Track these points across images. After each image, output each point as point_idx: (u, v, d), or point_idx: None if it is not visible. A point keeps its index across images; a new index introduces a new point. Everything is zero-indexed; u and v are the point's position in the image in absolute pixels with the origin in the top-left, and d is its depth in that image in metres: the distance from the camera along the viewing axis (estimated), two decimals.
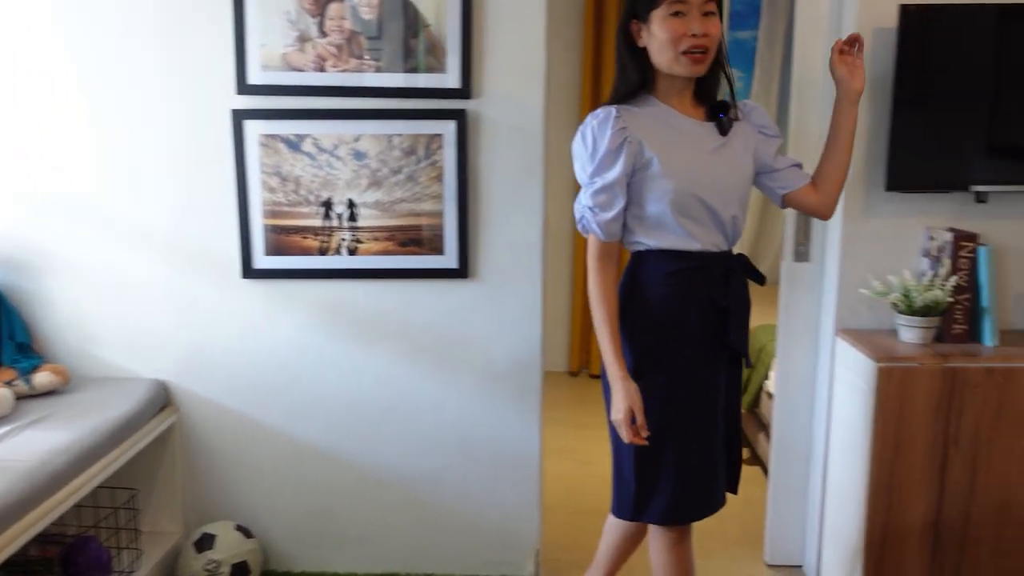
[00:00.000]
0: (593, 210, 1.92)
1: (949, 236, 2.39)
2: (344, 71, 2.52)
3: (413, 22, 2.50)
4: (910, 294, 2.36)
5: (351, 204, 2.57)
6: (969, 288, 2.39)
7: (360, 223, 2.58)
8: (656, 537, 2.06)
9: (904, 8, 2.37)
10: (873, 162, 2.51)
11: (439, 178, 2.56)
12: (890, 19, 2.42)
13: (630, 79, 1.92)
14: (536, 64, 2.52)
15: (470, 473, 2.70)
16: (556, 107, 4.80)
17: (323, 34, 2.50)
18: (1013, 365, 2.24)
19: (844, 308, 2.57)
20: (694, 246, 1.91)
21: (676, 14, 1.82)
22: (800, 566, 2.86)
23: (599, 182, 1.89)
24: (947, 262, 2.38)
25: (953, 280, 2.35)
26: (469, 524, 2.73)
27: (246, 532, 2.66)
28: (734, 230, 1.96)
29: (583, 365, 5.16)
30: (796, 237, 2.67)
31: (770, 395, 3.48)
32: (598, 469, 3.70)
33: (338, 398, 2.68)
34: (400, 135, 2.54)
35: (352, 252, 2.59)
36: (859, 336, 2.45)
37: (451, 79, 2.52)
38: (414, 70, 2.52)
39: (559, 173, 4.93)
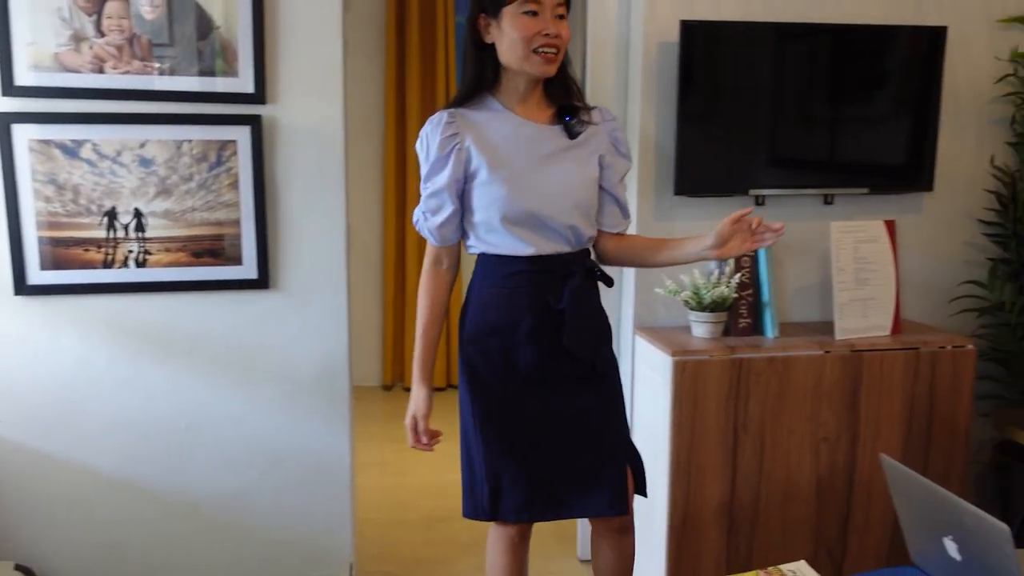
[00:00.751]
0: (425, 214, 1.92)
1: None
2: (126, 73, 2.37)
3: (201, 24, 2.39)
4: (700, 292, 2.50)
5: (138, 214, 2.42)
6: (751, 284, 2.56)
7: (149, 234, 2.43)
8: (496, 538, 2.05)
9: (685, 24, 2.52)
10: (663, 169, 2.64)
11: (234, 185, 2.45)
12: (673, 34, 2.56)
13: (469, 79, 1.90)
14: (334, 71, 2.48)
15: (279, 488, 2.60)
16: (361, 118, 4.76)
17: (100, 34, 2.34)
18: (791, 354, 2.42)
19: (641, 307, 2.69)
20: (526, 251, 1.88)
21: (529, 12, 1.80)
22: None
23: (430, 187, 1.89)
24: (732, 261, 2.54)
25: (737, 277, 2.51)
26: (280, 541, 2.62)
27: (27, 572, 2.43)
28: (575, 237, 1.92)
29: (396, 379, 5.11)
30: None
31: None
32: (413, 480, 3.68)
33: (132, 420, 2.51)
34: (190, 141, 2.41)
35: (141, 264, 2.44)
36: (656, 333, 2.57)
37: (244, 83, 2.43)
38: (204, 73, 2.40)
39: (364, 183, 4.91)
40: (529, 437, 1.93)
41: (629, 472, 2.01)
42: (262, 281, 2.50)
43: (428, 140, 1.88)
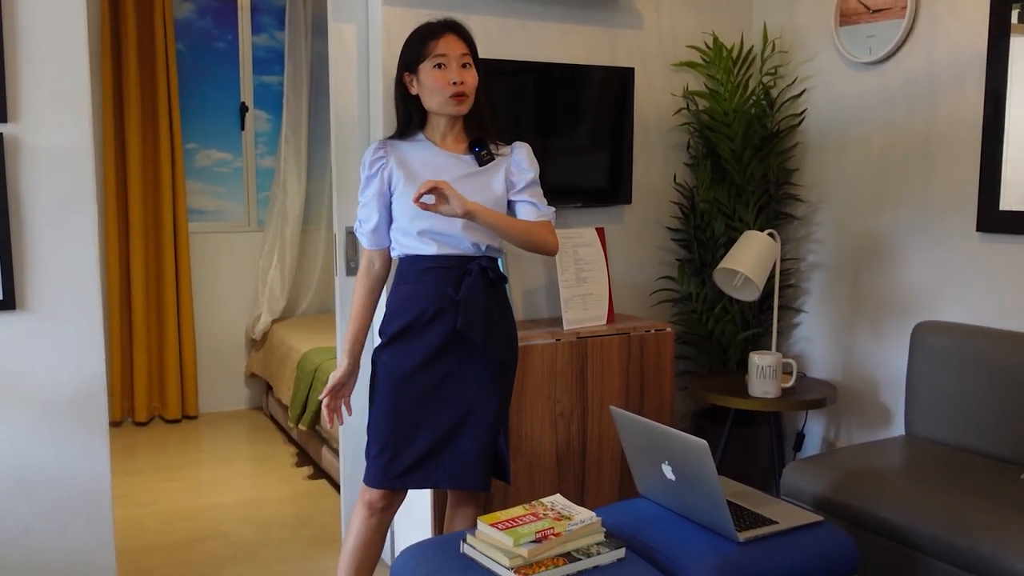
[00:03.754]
0: (360, 222, 2.33)
1: None
2: None
3: None
4: None
5: None
6: None
7: None
8: (360, 503, 2.29)
9: None
10: None
11: None
12: None
13: (401, 120, 2.31)
14: (80, 89, 2.48)
15: (32, 520, 2.50)
16: None
17: None
18: (529, 343, 2.78)
19: None
20: (430, 251, 2.23)
21: (438, 66, 2.19)
22: None
23: (363, 200, 2.30)
24: None
25: None
26: (34, 574, 2.53)
27: None
28: (474, 246, 2.24)
29: (126, 413, 4.91)
30: (346, 253, 2.96)
31: None
32: (162, 508, 3.62)
33: None
34: None
35: None
36: None
37: None
38: None
39: None
40: (422, 412, 2.23)
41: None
42: (8, 302, 2.43)
43: (365, 161, 2.29)
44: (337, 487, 3.78)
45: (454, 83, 2.19)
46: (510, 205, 2.32)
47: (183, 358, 4.97)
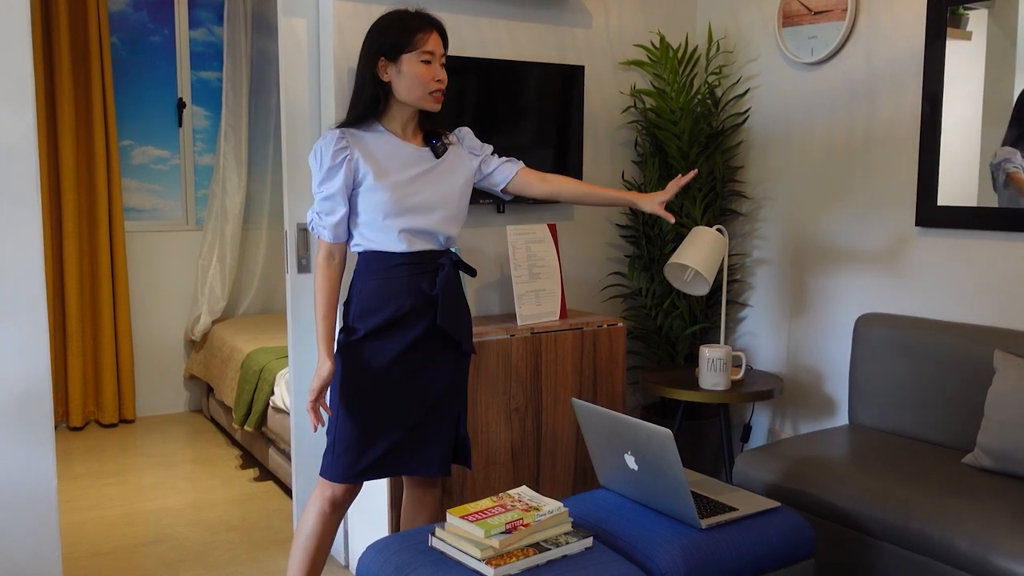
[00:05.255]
0: (320, 215, 2.24)
1: None
2: None
3: None
4: None
5: None
6: None
7: None
8: (316, 498, 2.27)
9: None
10: None
11: None
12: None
13: (364, 106, 2.24)
14: (23, 81, 2.41)
15: None
16: None
17: None
18: (484, 339, 2.79)
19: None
20: (402, 248, 2.21)
21: (425, 61, 2.18)
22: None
23: (324, 191, 2.21)
24: None
25: None
26: None
27: None
28: (444, 238, 2.27)
29: (61, 418, 4.76)
30: (297, 251, 2.93)
31: (278, 410, 3.68)
32: (105, 513, 3.53)
33: None
34: None
35: None
36: None
37: None
38: None
39: None
40: (390, 407, 2.22)
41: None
42: None
43: (322, 152, 2.19)
44: (285, 488, 3.73)
45: (438, 80, 2.21)
46: (486, 180, 2.38)
47: (119, 361, 4.85)
